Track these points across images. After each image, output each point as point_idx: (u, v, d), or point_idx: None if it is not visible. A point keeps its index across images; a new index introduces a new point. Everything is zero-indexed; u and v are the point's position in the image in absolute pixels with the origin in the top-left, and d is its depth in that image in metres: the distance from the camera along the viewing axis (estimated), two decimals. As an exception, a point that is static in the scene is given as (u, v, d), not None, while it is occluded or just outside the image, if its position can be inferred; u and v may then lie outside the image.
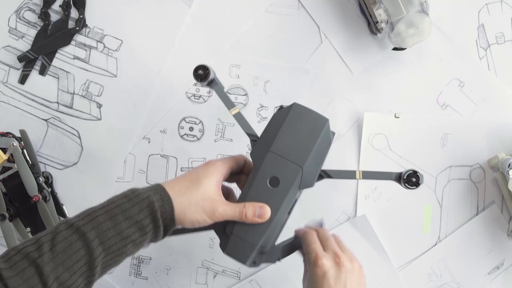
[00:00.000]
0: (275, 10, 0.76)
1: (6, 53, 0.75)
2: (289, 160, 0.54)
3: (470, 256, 0.75)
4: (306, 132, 0.55)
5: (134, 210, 0.49)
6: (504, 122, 0.75)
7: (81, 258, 0.46)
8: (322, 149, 0.56)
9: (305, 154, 0.54)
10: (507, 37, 0.76)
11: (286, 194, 0.54)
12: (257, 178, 0.54)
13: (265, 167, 0.54)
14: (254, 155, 0.56)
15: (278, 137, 0.55)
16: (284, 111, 0.56)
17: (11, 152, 0.69)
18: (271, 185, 0.54)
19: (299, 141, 0.55)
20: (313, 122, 0.55)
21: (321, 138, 0.55)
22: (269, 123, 0.57)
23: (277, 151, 0.55)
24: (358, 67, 0.76)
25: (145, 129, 0.75)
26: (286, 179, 0.54)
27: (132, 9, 0.75)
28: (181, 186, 0.52)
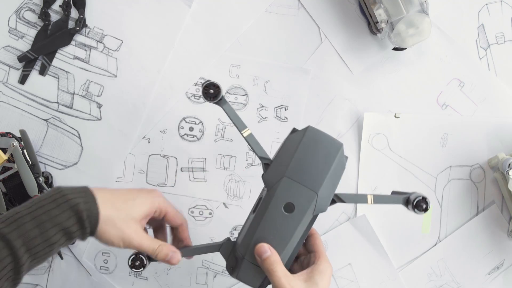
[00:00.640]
0: (275, 10, 0.76)
1: (6, 53, 0.75)
2: (305, 185, 0.54)
3: (470, 256, 0.75)
4: (321, 157, 0.54)
5: (63, 217, 0.48)
6: (504, 122, 0.75)
7: (7, 265, 0.46)
8: (336, 174, 0.55)
9: (320, 180, 0.54)
10: (507, 37, 0.76)
11: (301, 220, 0.54)
12: (272, 203, 0.54)
13: (280, 192, 0.54)
14: (267, 179, 0.55)
15: (293, 162, 0.54)
16: (298, 135, 0.56)
17: (11, 152, 0.69)
18: (285, 211, 0.54)
19: (314, 166, 0.54)
20: (328, 146, 0.55)
21: (336, 163, 0.55)
22: (282, 145, 0.56)
23: (292, 176, 0.54)
24: (358, 67, 0.76)
25: (145, 129, 0.75)
26: (301, 205, 0.54)
27: (132, 9, 0.75)
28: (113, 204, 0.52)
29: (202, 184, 0.75)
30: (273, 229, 0.54)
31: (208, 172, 0.75)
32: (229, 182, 0.75)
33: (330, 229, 0.75)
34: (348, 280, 0.74)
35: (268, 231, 0.54)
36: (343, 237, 0.74)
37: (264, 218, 0.54)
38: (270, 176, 0.55)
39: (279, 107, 0.76)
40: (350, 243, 0.74)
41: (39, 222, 0.48)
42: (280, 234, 0.54)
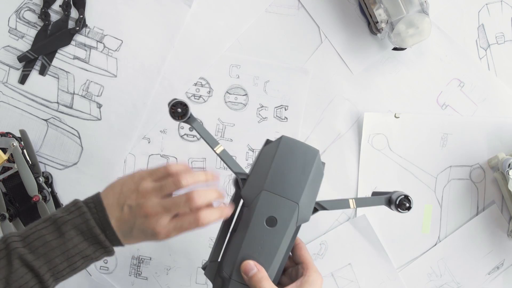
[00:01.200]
0: (275, 10, 0.76)
1: (6, 53, 0.75)
2: (285, 197, 0.52)
3: (470, 256, 0.75)
4: (298, 166, 0.53)
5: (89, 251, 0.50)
6: (504, 122, 0.75)
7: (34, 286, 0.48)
8: (315, 182, 0.54)
9: (300, 190, 0.53)
10: (507, 37, 0.76)
11: (285, 233, 0.52)
12: (253, 219, 0.52)
13: (260, 207, 0.52)
14: (246, 194, 0.53)
15: (270, 174, 0.53)
16: (273, 146, 0.54)
17: (11, 152, 0.69)
18: (268, 225, 0.52)
19: (292, 176, 0.53)
20: (304, 155, 0.54)
21: (314, 171, 0.53)
22: (258, 158, 0.54)
23: (271, 189, 0.52)
24: (358, 67, 0.76)
25: (145, 129, 0.75)
26: (284, 218, 0.52)
27: (132, 9, 0.75)
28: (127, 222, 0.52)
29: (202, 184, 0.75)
30: (258, 245, 0.52)
31: (208, 172, 0.75)
32: (229, 182, 0.75)
33: (330, 229, 0.75)
34: (348, 280, 0.74)
35: (252, 247, 0.52)
36: (343, 237, 0.74)
37: (247, 235, 0.52)
38: (248, 191, 0.53)
39: (279, 107, 0.76)
40: (350, 243, 0.74)
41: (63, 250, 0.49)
42: (265, 249, 0.52)
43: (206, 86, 0.76)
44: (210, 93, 0.76)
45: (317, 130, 0.75)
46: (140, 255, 0.75)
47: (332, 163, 0.75)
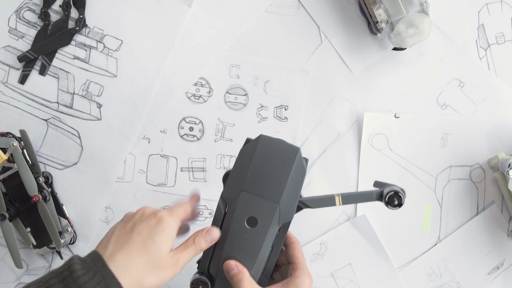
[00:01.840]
0: (275, 10, 0.76)
1: (6, 53, 0.75)
2: (264, 197, 0.51)
3: (470, 256, 0.75)
4: (278, 165, 0.52)
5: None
6: (504, 122, 0.75)
7: None
8: (297, 180, 0.53)
9: (280, 189, 0.51)
10: (507, 37, 0.76)
11: (266, 233, 0.52)
12: (234, 220, 0.52)
13: (240, 208, 0.52)
14: (226, 195, 0.53)
15: (249, 174, 0.52)
16: (251, 145, 0.53)
17: (11, 152, 0.69)
18: (249, 225, 0.52)
19: (272, 176, 0.52)
20: (283, 153, 0.52)
21: (294, 169, 0.52)
22: (237, 158, 0.53)
23: (250, 189, 0.52)
24: (358, 67, 0.76)
25: (145, 129, 0.75)
26: (264, 218, 0.51)
27: (132, 9, 0.75)
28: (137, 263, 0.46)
29: (202, 184, 0.75)
30: (240, 245, 0.52)
31: (208, 172, 0.75)
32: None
33: (330, 229, 0.75)
34: (348, 280, 0.74)
35: (234, 247, 0.52)
36: (343, 237, 0.74)
37: (229, 235, 0.52)
38: (228, 191, 0.52)
39: (279, 107, 0.76)
40: (350, 243, 0.74)
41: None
42: (247, 249, 0.52)
43: (206, 86, 0.76)
44: (210, 93, 0.76)
45: (317, 130, 0.75)
46: (140, 255, 0.75)
47: (332, 163, 0.75)
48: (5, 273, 0.75)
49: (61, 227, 0.72)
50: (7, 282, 0.75)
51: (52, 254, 0.75)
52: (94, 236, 0.75)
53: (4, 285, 0.75)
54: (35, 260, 0.75)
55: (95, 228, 0.75)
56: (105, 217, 0.75)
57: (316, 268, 0.74)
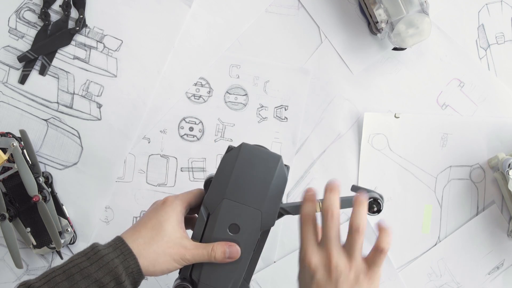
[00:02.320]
0: (275, 10, 0.76)
1: (6, 53, 0.75)
2: (247, 205, 0.52)
3: (470, 256, 0.75)
4: (260, 173, 0.53)
5: (93, 269, 0.47)
6: (504, 122, 0.75)
7: None
8: (278, 187, 0.53)
9: (262, 197, 0.52)
10: (507, 37, 0.76)
11: (248, 239, 0.53)
12: (216, 226, 0.53)
13: (222, 215, 0.52)
14: (208, 201, 0.53)
15: (231, 182, 0.52)
16: (233, 153, 0.54)
17: (11, 152, 0.69)
18: (231, 232, 0.53)
19: (253, 184, 0.52)
20: (265, 161, 0.53)
21: (276, 177, 0.53)
22: (219, 165, 0.54)
23: (232, 197, 0.52)
24: (358, 67, 0.76)
25: (145, 129, 0.75)
26: (246, 225, 0.52)
27: (132, 9, 0.75)
28: (144, 238, 0.51)
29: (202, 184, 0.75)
30: None
31: (208, 172, 0.75)
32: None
33: (330, 229, 0.75)
34: (348, 280, 0.74)
35: None
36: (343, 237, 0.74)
37: (212, 241, 0.53)
38: (210, 199, 0.53)
39: (279, 107, 0.76)
40: (350, 243, 0.74)
41: (68, 275, 0.47)
42: None
43: (206, 86, 0.76)
44: (210, 93, 0.76)
45: (317, 130, 0.75)
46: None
47: (332, 163, 0.75)
48: (5, 273, 0.75)
49: (61, 227, 0.72)
50: (7, 282, 0.75)
51: (52, 254, 0.75)
52: (94, 236, 0.75)
53: (4, 285, 0.75)
54: (35, 260, 0.75)
55: (95, 228, 0.75)
56: (105, 217, 0.75)
57: (316, 268, 0.74)
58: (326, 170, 0.75)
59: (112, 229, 0.75)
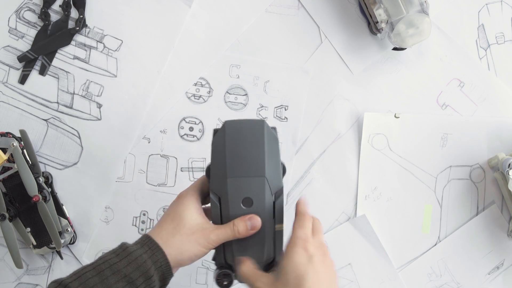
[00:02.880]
0: (275, 10, 0.76)
1: (6, 53, 0.75)
2: (250, 176, 0.54)
3: (470, 256, 0.75)
4: (251, 142, 0.54)
5: (122, 264, 0.49)
6: (504, 122, 0.75)
7: None
8: (272, 149, 0.55)
9: (261, 163, 0.54)
10: (507, 37, 0.76)
11: (264, 207, 0.54)
12: (230, 206, 0.53)
13: (231, 194, 0.53)
14: (214, 187, 0.54)
15: (228, 161, 0.53)
16: (220, 134, 0.55)
17: (11, 152, 0.69)
18: (245, 206, 0.54)
19: (249, 155, 0.54)
20: (251, 130, 0.54)
21: (267, 140, 0.54)
22: (212, 150, 0.55)
23: (234, 174, 0.53)
24: (358, 67, 0.76)
25: (145, 129, 0.75)
26: (257, 195, 0.54)
27: (132, 9, 0.75)
28: (167, 229, 0.53)
29: (202, 184, 0.75)
30: None
31: (208, 172, 0.75)
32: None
33: (330, 229, 0.75)
34: (348, 280, 0.74)
35: None
36: (343, 237, 0.74)
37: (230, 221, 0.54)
38: (215, 183, 0.54)
39: (279, 107, 0.76)
40: (350, 243, 0.74)
41: (98, 271, 0.49)
42: None
43: (206, 86, 0.76)
44: (210, 93, 0.76)
45: (317, 130, 0.75)
46: (140, 255, 0.75)
47: (332, 163, 0.75)
48: (5, 273, 0.75)
49: (61, 227, 0.72)
50: (7, 282, 0.75)
51: (52, 254, 0.75)
52: (94, 236, 0.75)
53: (4, 285, 0.75)
54: (35, 260, 0.75)
55: (95, 228, 0.75)
56: (105, 217, 0.75)
57: (316, 268, 0.74)
58: (326, 170, 0.75)
59: (112, 229, 0.75)
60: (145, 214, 0.75)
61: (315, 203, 0.75)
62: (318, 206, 0.75)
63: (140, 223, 0.75)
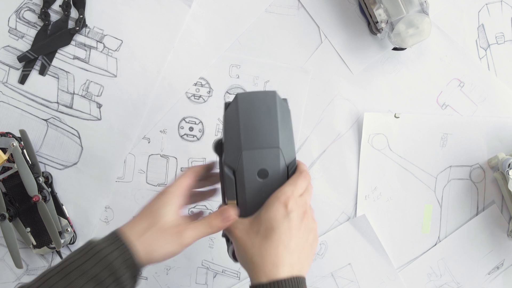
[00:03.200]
0: (275, 10, 0.76)
1: (6, 53, 0.75)
2: (265, 148, 0.53)
3: (470, 256, 0.75)
4: (264, 113, 0.54)
5: (89, 265, 0.47)
6: (504, 122, 0.75)
7: None
8: (285, 120, 0.55)
9: (275, 134, 0.53)
10: (507, 37, 0.76)
11: (279, 178, 0.54)
12: (246, 178, 0.53)
13: (247, 166, 0.53)
14: (229, 160, 0.54)
15: (243, 133, 0.53)
16: (232, 106, 0.55)
17: (11, 152, 0.69)
18: (261, 178, 0.54)
19: (263, 126, 0.54)
20: (264, 101, 0.54)
21: (280, 111, 0.54)
22: (224, 124, 0.55)
23: (249, 146, 0.53)
24: (358, 67, 0.76)
25: (145, 129, 0.75)
26: (272, 166, 0.54)
27: (132, 9, 0.75)
28: (140, 225, 0.51)
29: (202, 184, 0.75)
30: (260, 201, 0.53)
31: (208, 172, 0.75)
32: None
33: (330, 229, 0.75)
34: (348, 280, 0.74)
35: (256, 205, 0.53)
36: (343, 237, 0.74)
37: (247, 195, 0.54)
38: (229, 156, 0.54)
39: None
40: (350, 243, 0.74)
41: (65, 274, 0.47)
42: None
43: (206, 86, 0.76)
44: (210, 93, 0.76)
45: (317, 130, 0.75)
46: (140, 255, 0.75)
47: (332, 163, 0.75)
48: (5, 273, 0.75)
49: (61, 227, 0.72)
50: (7, 282, 0.75)
51: (52, 254, 0.75)
52: (94, 236, 0.75)
53: (4, 285, 0.75)
54: (35, 260, 0.75)
55: (95, 228, 0.75)
56: (105, 217, 0.75)
57: (316, 268, 0.74)
58: (326, 170, 0.75)
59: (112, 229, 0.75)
60: (145, 214, 0.75)
61: (315, 203, 0.75)
62: (318, 206, 0.75)
63: (140, 223, 0.75)
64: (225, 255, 0.75)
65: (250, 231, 0.51)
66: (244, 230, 0.52)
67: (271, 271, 0.48)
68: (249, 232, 0.51)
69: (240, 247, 0.52)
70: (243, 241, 0.51)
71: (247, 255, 0.50)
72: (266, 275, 0.48)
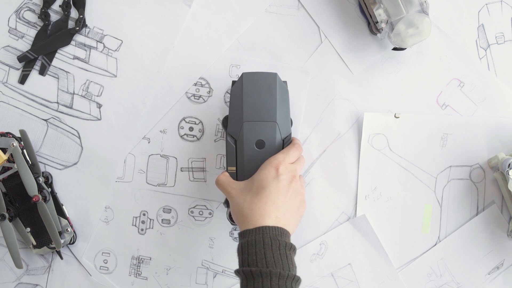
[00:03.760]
0: (275, 10, 0.76)
1: (6, 53, 0.75)
2: (263, 120, 0.63)
3: (470, 256, 0.75)
4: (265, 91, 0.63)
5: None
6: (504, 122, 0.75)
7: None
8: (283, 99, 0.64)
9: (273, 110, 0.63)
10: (507, 37, 0.76)
11: (275, 150, 0.63)
12: (245, 147, 0.63)
13: (247, 135, 0.63)
14: (232, 130, 0.64)
15: (245, 107, 0.63)
16: (238, 84, 0.64)
17: (11, 152, 0.69)
18: (258, 147, 0.63)
19: (263, 102, 0.63)
20: (266, 80, 0.64)
21: (279, 91, 0.64)
22: (231, 99, 0.65)
23: (249, 118, 0.63)
24: (358, 67, 0.76)
25: (145, 129, 0.75)
26: (269, 137, 0.63)
27: (132, 9, 0.75)
28: None
29: (202, 184, 0.75)
30: (258, 168, 0.62)
31: (208, 172, 0.75)
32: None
33: (330, 229, 0.75)
34: (348, 280, 0.74)
35: (254, 171, 0.62)
36: (343, 237, 0.74)
37: (245, 163, 0.63)
38: (232, 127, 0.64)
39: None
40: (350, 243, 0.74)
41: None
42: None
43: (206, 86, 0.76)
44: (210, 93, 0.76)
45: (317, 130, 0.75)
46: (140, 255, 0.75)
47: (332, 163, 0.75)
48: (5, 273, 0.75)
49: (61, 227, 0.72)
50: (7, 282, 0.75)
51: (52, 254, 0.75)
52: (94, 236, 0.75)
53: (4, 285, 0.75)
54: (35, 260, 0.75)
55: (95, 228, 0.75)
56: (105, 217, 0.75)
57: (316, 268, 0.74)
58: (326, 170, 0.75)
59: (112, 229, 0.75)
60: (145, 214, 0.75)
61: (315, 203, 0.75)
62: (318, 206, 0.75)
63: (140, 223, 0.75)
64: (225, 255, 0.75)
65: (244, 190, 0.60)
66: (239, 189, 0.61)
67: (258, 220, 0.56)
68: (243, 191, 0.60)
69: (234, 204, 0.60)
70: (236, 198, 0.60)
71: (239, 209, 0.59)
72: (253, 223, 0.56)
